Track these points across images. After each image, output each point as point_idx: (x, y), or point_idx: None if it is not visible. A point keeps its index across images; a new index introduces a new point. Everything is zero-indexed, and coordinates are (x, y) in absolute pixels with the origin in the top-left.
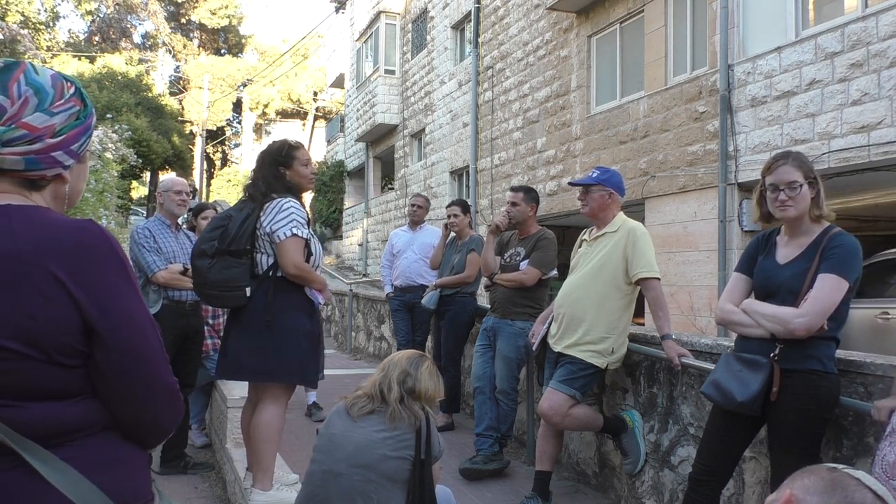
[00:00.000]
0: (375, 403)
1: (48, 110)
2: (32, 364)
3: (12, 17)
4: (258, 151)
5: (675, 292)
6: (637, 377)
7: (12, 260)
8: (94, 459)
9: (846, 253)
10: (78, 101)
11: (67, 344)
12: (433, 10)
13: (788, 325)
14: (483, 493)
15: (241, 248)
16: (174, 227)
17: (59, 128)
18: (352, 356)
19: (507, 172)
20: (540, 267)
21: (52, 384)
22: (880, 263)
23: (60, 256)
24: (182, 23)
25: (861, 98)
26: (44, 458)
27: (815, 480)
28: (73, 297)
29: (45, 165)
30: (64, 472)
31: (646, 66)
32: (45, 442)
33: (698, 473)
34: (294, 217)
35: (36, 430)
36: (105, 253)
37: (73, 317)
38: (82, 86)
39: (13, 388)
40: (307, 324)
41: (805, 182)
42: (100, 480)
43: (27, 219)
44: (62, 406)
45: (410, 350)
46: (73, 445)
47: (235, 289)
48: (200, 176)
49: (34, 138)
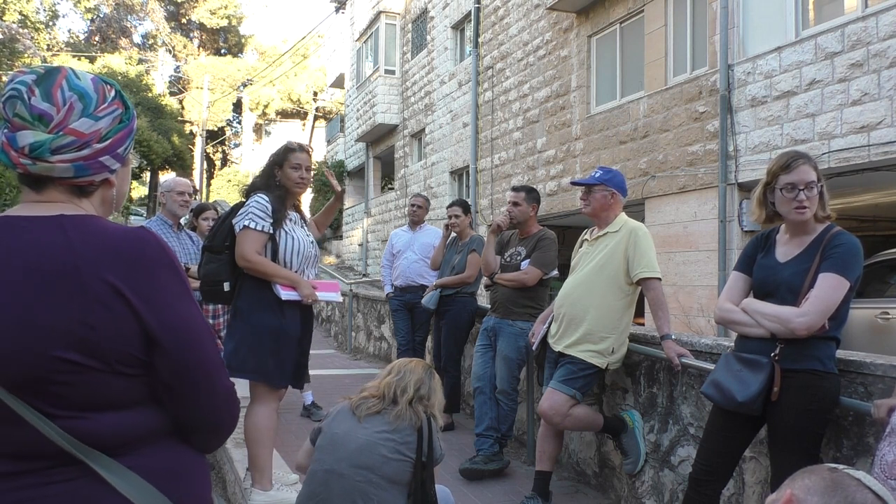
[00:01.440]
0: (385, 404)
1: (93, 115)
2: (93, 375)
3: (10, 16)
4: (257, 151)
5: (675, 292)
6: (637, 377)
7: (70, 270)
8: (159, 467)
9: (847, 252)
10: (119, 103)
11: (127, 353)
12: (433, 10)
13: (789, 325)
14: (483, 493)
15: (219, 244)
16: (176, 227)
17: (105, 132)
18: (352, 356)
19: (507, 172)
20: (541, 267)
21: (113, 394)
22: (880, 263)
23: (118, 266)
24: (182, 23)
25: (861, 98)
26: (110, 467)
27: (815, 481)
28: (132, 306)
29: (93, 171)
30: (130, 480)
31: (646, 66)
32: (110, 451)
33: (698, 473)
34: (250, 210)
35: (100, 440)
36: (161, 261)
37: (132, 326)
38: (120, 88)
39: (76, 399)
40: (272, 320)
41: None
42: (166, 488)
43: (82, 228)
44: (124, 415)
45: (420, 360)
46: (137, 454)
47: (215, 283)
48: (200, 176)
49: (82, 144)
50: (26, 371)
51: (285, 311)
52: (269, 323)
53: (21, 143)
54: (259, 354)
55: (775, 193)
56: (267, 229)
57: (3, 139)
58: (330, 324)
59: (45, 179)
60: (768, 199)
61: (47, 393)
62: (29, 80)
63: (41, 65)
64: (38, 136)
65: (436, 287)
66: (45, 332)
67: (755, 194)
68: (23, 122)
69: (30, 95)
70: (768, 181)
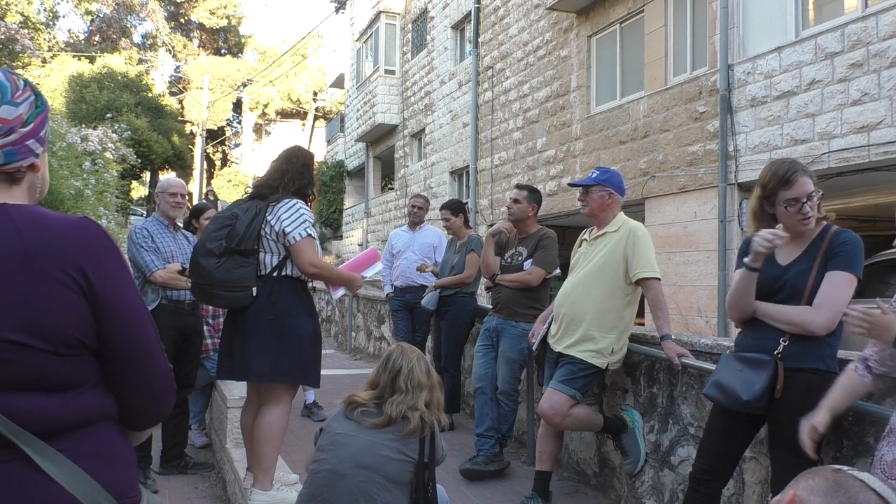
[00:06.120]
0: (384, 398)
1: (12, 101)
2: (36, 355)
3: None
4: (257, 151)
5: (675, 292)
6: (637, 377)
7: (18, 256)
8: (90, 451)
9: (852, 250)
10: (30, 90)
11: (72, 336)
12: (433, 10)
13: (808, 327)
14: (483, 493)
15: (250, 247)
16: (172, 227)
17: (26, 117)
18: (352, 356)
19: (507, 172)
20: (544, 266)
21: (54, 376)
22: (880, 263)
23: (67, 251)
24: (182, 23)
25: (861, 98)
26: (42, 451)
27: (819, 482)
28: (82, 289)
29: (21, 156)
30: (61, 464)
31: (646, 66)
32: (45, 434)
33: (698, 473)
34: (307, 218)
35: (34, 422)
36: (107, 247)
37: (78, 309)
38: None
39: (16, 379)
40: (309, 324)
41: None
42: (94, 472)
43: (28, 216)
44: (63, 398)
45: (412, 347)
46: (69, 438)
47: (243, 289)
48: (200, 176)
49: (7, 130)
50: None
51: (315, 314)
52: (308, 327)
53: None
54: (303, 358)
55: (777, 208)
56: (315, 236)
57: None
58: (330, 324)
59: None
60: (766, 211)
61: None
62: None
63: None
64: None
65: (435, 287)
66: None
67: (750, 207)
68: None
69: None
70: (766, 195)
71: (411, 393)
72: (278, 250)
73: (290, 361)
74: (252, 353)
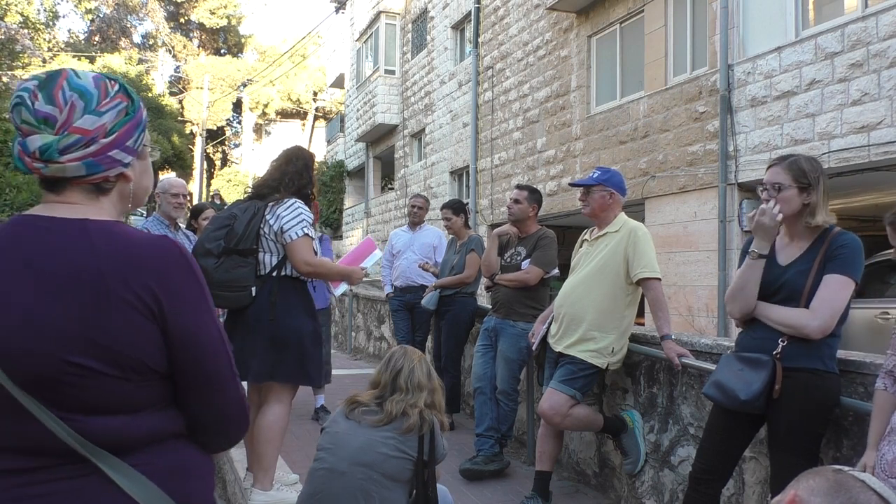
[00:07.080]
0: (384, 397)
1: (96, 111)
2: (106, 380)
3: (12, 18)
4: (257, 151)
5: (675, 292)
6: (637, 377)
7: (94, 276)
8: (163, 466)
9: (851, 253)
10: (124, 97)
11: (143, 362)
12: (433, 10)
13: (804, 330)
14: (483, 493)
15: (249, 247)
16: (173, 226)
17: (111, 126)
18: (352, 356)
19: (507, 172)
20: (542, 266)
21: (123, 399)
22: (880, 263)
23: (142, 274)
24: (182, 23)
25: (861, 98)
26: (115, 466)
27: (819, 482)
28: (153, 313)
29: (105, 167)
30: (135, 479)
31: (646, 66)
32: (116, 451)
33: (698, 473)
34: (304, 217)
35: (108, 440)
36: (186, 270)
37: (151, 335)
38: (125, 82)
39: (87, 401)
40: (309, 324)
41: (794, 186)
42: (169, 487)
43: (107, 234)
44: (133, 418)
45: (414, 349)
46: (143, 453)
47: (242, 288)
48: (200, 176)
49: (88, 141)
50: (41, 371)
51: (315, 314)
52: (307, 327)
53: (31, 148)
54: (302, 357)
55: None
56: (315, 236)
57: (18, 146)
58: (330, 323)
59: (62, 181)
60: None
61: (59, 393)
62: (31, 85)
63: (44, 70)
64: (46, 139)
65: (435, 287)
66: (63, 336)
67: None
68: (30, 127)
69: (33, 101)
70: None
71: (411, 392)
72: (277, 250)
73: (290, 361)
74: (252, 352)
